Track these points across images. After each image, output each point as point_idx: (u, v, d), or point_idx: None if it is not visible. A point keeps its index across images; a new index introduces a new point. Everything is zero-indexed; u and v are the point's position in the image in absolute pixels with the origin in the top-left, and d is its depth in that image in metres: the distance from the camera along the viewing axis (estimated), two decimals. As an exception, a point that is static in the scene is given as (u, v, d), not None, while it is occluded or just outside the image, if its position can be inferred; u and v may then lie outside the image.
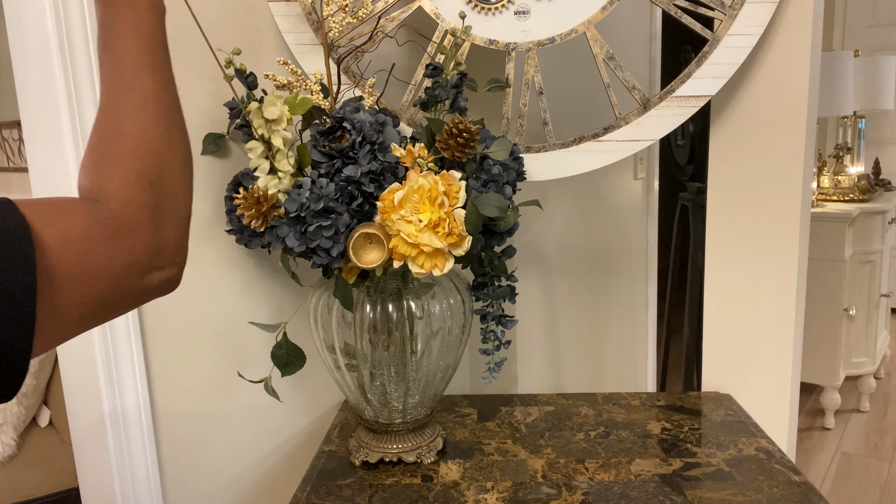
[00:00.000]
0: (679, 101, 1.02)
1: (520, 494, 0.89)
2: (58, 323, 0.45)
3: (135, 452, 1.12)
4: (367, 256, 0.85)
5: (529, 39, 1.01)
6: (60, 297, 0.44)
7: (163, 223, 0.51)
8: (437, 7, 1.01)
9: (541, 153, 1.04)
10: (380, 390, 0.98)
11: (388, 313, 0.94)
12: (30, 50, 0.98)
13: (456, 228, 0.83)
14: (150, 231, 0.50)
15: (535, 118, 1.05)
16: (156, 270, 0.50)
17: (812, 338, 2.72)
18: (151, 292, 0.51)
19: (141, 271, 0.49)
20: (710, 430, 1.06)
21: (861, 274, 2.82)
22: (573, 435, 1.05)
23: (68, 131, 1.00)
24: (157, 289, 0.51)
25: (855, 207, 2.77)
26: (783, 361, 1.16)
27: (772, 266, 1.14)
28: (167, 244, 0.51)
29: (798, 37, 1.06)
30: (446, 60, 0.93)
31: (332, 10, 0.92)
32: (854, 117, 3.07)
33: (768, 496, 0.87)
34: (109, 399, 1.09)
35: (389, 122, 0.89)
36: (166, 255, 0.51)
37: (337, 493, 0.92)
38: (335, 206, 0.85)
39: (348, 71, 1.02)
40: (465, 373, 1.35)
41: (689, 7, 1.00)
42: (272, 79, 0.94)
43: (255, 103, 0.88)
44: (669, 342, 2.39)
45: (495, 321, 0.95)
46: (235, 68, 0.95)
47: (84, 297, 0.46)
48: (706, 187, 1.18)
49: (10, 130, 2.55)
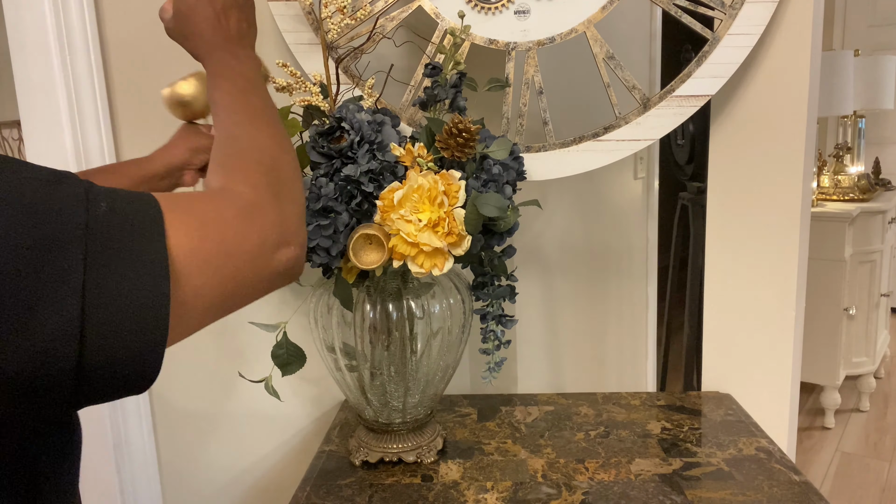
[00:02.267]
0: (679, 101, 1.02)
1: (520, 494, 0.89)
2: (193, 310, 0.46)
3: (135, 452, 1.12)
4: (367, 257, 0.85)
5: (529, 39, 1.01)
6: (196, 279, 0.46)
7: (284, 203, 0.55)
8: (437, 7, 1.01)
9: (541, 153, 1.04)
10: (380, 390, 0.98)
11: (388, 313, 0.94)
12: (30, 50, 0.98)
13: (455, 228, 0.83)
14: (275, 209, 0.53)
15: (535, 118, 1.05)
16: (283, 247, 0.52)
17: (812, 338, 2.72)
18: (281, 273, 0.53)
19: (272, 247, 0.51)
20: (710, 429, 1.06)
21: (861, 274, 2.82)
22: (573, 435, 1.05)
23: (68, 131, 1.00)
24: (285, 269, 0.53)
25: (855, 207, 2.77)
26: (783, 361, 1.16)
27: (772, 266, 1.14)
28: (290, 221, 0.54)
29: (798, 36, 1.06)
30: (446, 60, 0.93)
31: (330, 11, 0.92)
32: (854, 117, 3.07)
33: (768, 496, 0.87)
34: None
35: (388, 121, 0.89)
36: (291, 231, 0.54)
37: (337, 493, 0.92)
38: (334, 205, 0.85)
39: (348, 71, 1.02)
40: (465, 373, 1.35)
41: (689, 6, 1.00)
42: (272, 81, 0.94)
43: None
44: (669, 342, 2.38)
45: (495, 321, 0.95)
46: None
47: (223, 277, 0.48)
48: (706, 187, 1.18)
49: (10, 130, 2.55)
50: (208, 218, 0.48)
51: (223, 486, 1.20)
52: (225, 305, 0.49)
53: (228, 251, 0.48)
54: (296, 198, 0.58)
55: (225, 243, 0.48)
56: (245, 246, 0.49)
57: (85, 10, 0.98)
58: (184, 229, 0.46)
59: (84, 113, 1.00)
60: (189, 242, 0.45)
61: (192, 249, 0.45)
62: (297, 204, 0.57)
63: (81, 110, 1.00)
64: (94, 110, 1.00)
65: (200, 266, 0.46)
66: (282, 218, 0.53)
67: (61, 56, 0.98)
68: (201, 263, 0.46)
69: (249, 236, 0.50)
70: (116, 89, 1.04)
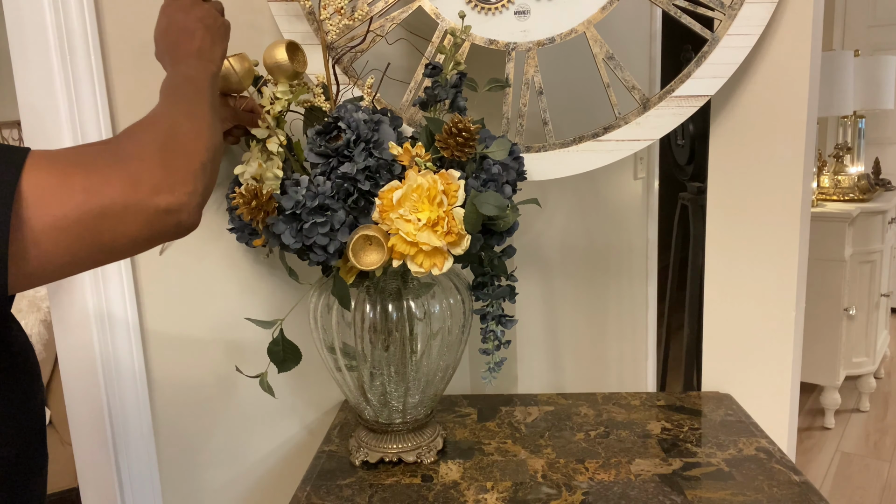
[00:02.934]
0: (679, 101, 1.02)
1: (520, 494, 0.89)
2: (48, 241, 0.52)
3: (135, 452, 1.12)
4: (367, 258, 0.86)
5: (529, 39, 1.01)
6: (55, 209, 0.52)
7: (170, 155, 0.59)
8: (437, 7, 1.01)
9: (541, 153, 1.04)
10: (380, 390, 0.98)
11: (387, 313, 0.94)
12: (30, 50, 0.98)
13: (455, 227, 0.83)
14: (156, 158, 0.58)
15: (535, 118, 1.05)
16: (163, 193, 0.56)
17: (812, 338, 2.72)
18: (160, 216, 0.57)
19: (148, 191, 0.56)
20: (710, 429, 1.06)
21: (861, 274, 2.82)
22: (573, 435, 1.05)
23: (68, 131, 1.00)
24: (165, 212, 0.57)
25: (855, 207, 2.77)
26: (783, 361, 1.16)
27: (772, 266, 1.14)
28: (176, 171, 0.58)
29: (798, 37, 1.06)
30: (446, 60, 0.93)
31: (328, 12, 0.93)
32: (854, 117, 3.07)
33: (768, 496, 0.87)
34: (109, 399, 1.09)
35: (386, 120, 0.89)
36: (176, 180, 0.58)
37: (337, 493, 0.92)
38: (331, 203, 0.86)
39: (348, 71, 1.02)
40: (465, 373, 1.35)
41: (688, 7, 1.00)
42: (273, 83, 0.94)
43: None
44: (669, 342, 2.38)
45: (495, 321, 0.95)
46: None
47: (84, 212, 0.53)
48: (706, 187, 1.18)
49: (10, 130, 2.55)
50: (77, 161, 0.54)
51: (223, 486, 1.20)
52: (89, 242, 0.54)
53: (91, 188, 0.53)
54: (189, 154, 0.61)
55: (89, 181, 0.53)
56: (113, 185, 0.54)
57: (85, 10, 0.98)
58: (47, 168, 0.52)
59: (84, 113, 1.00)
60: (48, 179, 0.52)
61: (51, 186, 0.52)
62: (190, 159, 0.61)
63: (81, 110, 1.00)
64: (94, 110, 1.00)
65: (59, 199, 0.52)
66: (164, 167, 0.57)
67: (61, 56, 0.98)
68: (59, 197, 0.52)
69: (117, 177, 0.55)
70: (116, 89, 1.04)
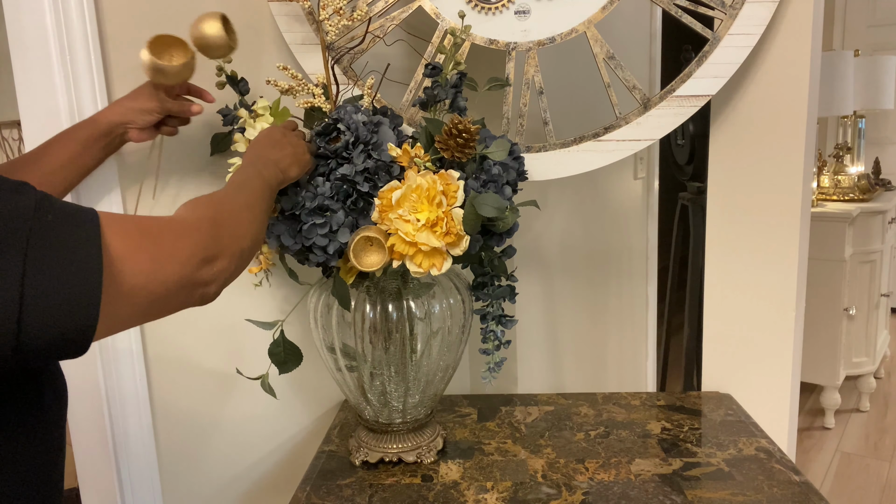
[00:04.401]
0: (679, 101, 1.02)
1: (520, 494, 0.89)
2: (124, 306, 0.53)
3: (135, 453, 1.12)
4: (368, 259, 0.86)
5: (530, 39, 1.01)
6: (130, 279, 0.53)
7: (223, 232, 0.64)
8: (437, 7, 1.01)
9: (541, 153, 1.04)
10: (380, 390, 0.98)
11: (388, 313, 0.94)
12: (30, 50, 0.98)
13: (454, 228, 0.83)
14: (209, 233, 0.62)
15: (536, 118, 1.05)
16: (206, 266, 0.60)
17: (812, 338, 2.72)
18: (197, 287, 0.60)
19: (198, 263, 0.59)
20: (710, 429, 1.06)
21: (861, 274, 2.82)
22: (573, 435, 1.05)
23: (68, 131, 1.00)
24: (202, 283, 0.60)
25: (855, 207, 2.77)
26: (783, 361, 1.16)
27: (772, 266, 1.14)
28: (219, 246, 0.62)
29: (798, 36, 1.06)
30: (446, 60, 0.93)
31: (328, 13, 0.93)
32: (854, 117, 3.07)
33: (768, 496, 0.87)
34: (109, 399, 1.09)
35: (385, 122, 0.89)
36: (216, 254, 0.61)
37: (337, 493, 0.92)
38: (330, 204, 0.86)
39: (348, 71, 1.02)
40: (465, 373, 1.35)
41: (689, 6, 1.00)
42: (274, 84, 0.94)
43: (248, 117, 0.95)
44: (669, 342, 2.39)
45: (495, 321, 0.95)
46: (227, 75, 0.95)
47: (153, 281, 0.55)
48: (706, 187, 1.18)
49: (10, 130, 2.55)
50: (148, 230, 0.57)
51: (223, 486, 1.20)
52: (152, 308, 0.56)
53: (160, 257, 0.56)
54: (237, 236, 0.66)
55: (159, 252, 0.56)
56: (176, 256, 0.57)
57: (85, 9, 0.98)
58: (121, 235, 0.53)
59: (84, 113, 1.00)
60: (125, 246, 0.53)
61: (128, 252, 0.53)
62: (236, 241, 0.65)
63: (81, 110, 1.00)
64: (94, 110, 1.00)
65: (133, 268, 0.53)
66: (213, 239, 0.62)
67: (61, 56, 0.98)
68: (135, 265, 0.54)
69: (181, 249, 0.58)
70: (116, 89, 1.04)
